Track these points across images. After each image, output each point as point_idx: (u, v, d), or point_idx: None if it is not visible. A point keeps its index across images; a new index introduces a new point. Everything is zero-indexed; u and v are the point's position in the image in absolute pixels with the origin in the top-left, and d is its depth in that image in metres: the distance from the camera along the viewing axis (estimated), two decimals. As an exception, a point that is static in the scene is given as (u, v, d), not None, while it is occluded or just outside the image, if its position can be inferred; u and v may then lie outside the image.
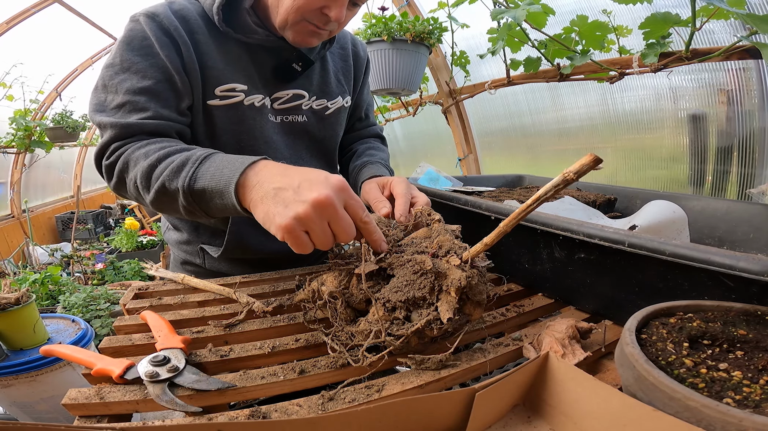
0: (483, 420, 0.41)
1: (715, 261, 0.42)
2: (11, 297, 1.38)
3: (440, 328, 0.48)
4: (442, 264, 0.51)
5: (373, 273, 0.53)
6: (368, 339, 0.49)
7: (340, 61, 0.95)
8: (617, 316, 0.59)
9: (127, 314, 0.66)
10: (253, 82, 0.79)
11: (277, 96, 0.83)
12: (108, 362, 0.49)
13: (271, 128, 0.83)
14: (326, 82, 0.90)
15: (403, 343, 0.48)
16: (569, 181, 0.41)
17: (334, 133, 0.94)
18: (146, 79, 0.69)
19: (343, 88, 0.94)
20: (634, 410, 0.34)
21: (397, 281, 0.51)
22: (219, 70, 0.74)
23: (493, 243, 0.50)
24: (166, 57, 0.69)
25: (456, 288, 0.48)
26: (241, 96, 0.76)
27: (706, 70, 1.20)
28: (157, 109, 0.70)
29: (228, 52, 0.76)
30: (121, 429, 0.37)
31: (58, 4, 3.25)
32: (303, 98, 0.86)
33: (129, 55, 0.70)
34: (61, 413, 1.43)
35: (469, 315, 0.51)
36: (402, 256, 0.53)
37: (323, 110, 0.89)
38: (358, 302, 0.53)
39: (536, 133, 1.94)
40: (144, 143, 0.67)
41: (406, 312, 0.49)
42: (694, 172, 1.31)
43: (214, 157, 0.60)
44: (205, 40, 0.74)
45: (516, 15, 1.05)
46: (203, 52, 0.73)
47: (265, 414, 0.41)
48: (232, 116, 0.76)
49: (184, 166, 0.60)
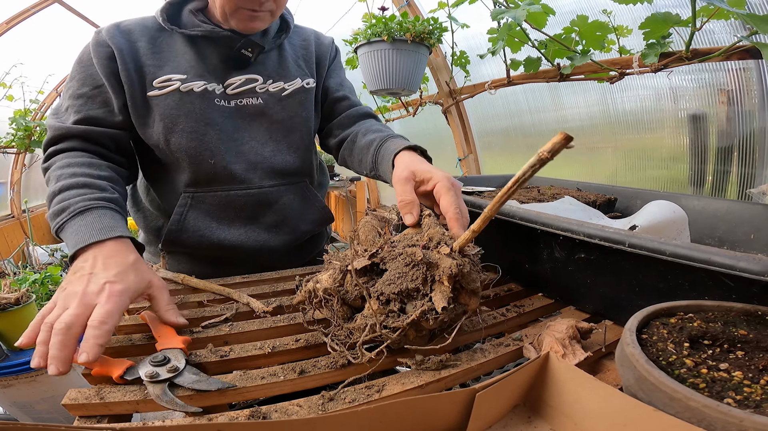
0: (483, 421, 0.41)
1: (716, 262, 0.42)
2: (11, 297, 1.38)
3: (436, 318, 0.48)
4: (433, 254, 0.51)
5: (367, 269, 0.53)
6: (364, 333, 0.49)
7: (301, 49, 0.99)
8: (617, 316, 0.59)
9: (127, 314, 0.66)
10: (195, 71, 0.84)
11: (230, 82, 0.87)
12: (108, 362, 0.49)
13: (218, 112, 0.86)
14: (283, 67, 0.93)
15: (400, 336, 0.49)
16: (544, 160, 0.42)
17: (295, 113, 0.93)
18: (84, 86, 0.81)
19: (303, 71, 0.96)
20: (634, 410, 0.34)
21: (390, 274, 0.51)
22: (157, 66, 0.83)
23: (480, 229, 0.50)
24: (99, 65, 0.79)
25: (448, 276, 0.48)
26: (178, 84, 0.82)
27: (706, 70, 1.20)
28: (90, 111, 0.80)
29: (171, 49, 0.85)
30: (121, 429, 0.37)
31: (58, 4, 3.25)
32: (257, 82, 0.89)
33: (77, 67, 0.82)
34: (61, 413, 1.43)
35: (466, 305, 0.52)
36: (394, 250, 0.54)
37: (280, 92, 0.92)
38: (353, 299, 0.53)
39: (536, 133, 1.94)
40: (66, 163, 0.74)
41: (400, 305, 0.50)
42: (694, 172, 1.31)
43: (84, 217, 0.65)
44: (147, 45, 0.83)
45: (516, 15, 1.05)
46: (142, 54, 0.82)
47: (265, 414, 0.41)
48: (170, 102, 0.82)
49: (63, 211, 0.66)
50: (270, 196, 0.91)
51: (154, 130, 0.83)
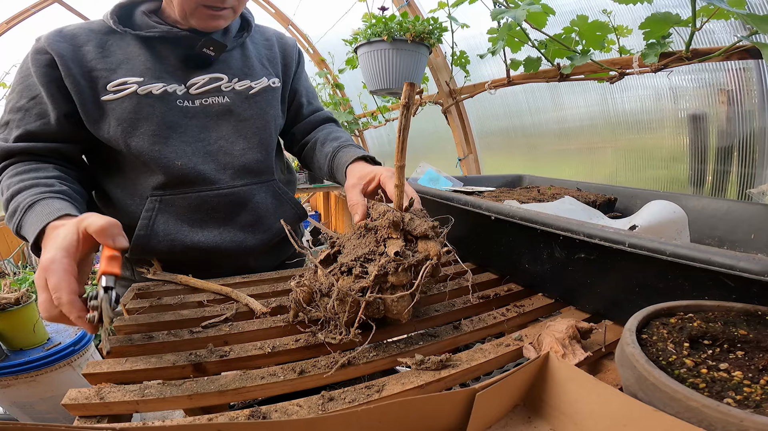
0: (483, 421, 0.41)
1: (716, 262, 0.42)
2: (11, 297, 1.38)
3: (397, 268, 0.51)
4: (378, 221, 0.56)
5: (330, 258, 0.58)
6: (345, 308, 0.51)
7: (264, 49, 0.98)
8: (617, 316, 0.59)
9: (128, 314, 0.66)
10: (152, 73, 0.82)
11: (193, 82, 0.86)
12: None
13: (180, 113, 0.84)
14: (248, 65, 0.92)
15: (374, 298, 0.50)
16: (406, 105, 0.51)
17: (263, 111, 0.93)
18: (22, 98, 0.79)
19: (268, 71, 0.96)
20: (634, 410, 0.34)
21: (347, 250, 0.57)
22: (110, 70, 0.80)
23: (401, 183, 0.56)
24: (36, 74, 0.77)
25: (389, 222, 0.54)
26: (134, 87, 0.80)
27: (706, 70, 1.20)
28: (27, 125, 0.78)
29: (124, 52, 0.82)
30: (121, 429, 0.37)
31: (58, 4, 3.25)
32: (221, 80, 0.88)
33: (17, 78, 0.81)
34: (61, 413, 1.43)
35: (426, 251, 0.54)
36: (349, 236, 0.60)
37: (247, 90, 0.90)
38: (328, 289, 0.54)
39: (536, 133, 1.94)
40: (12, 173, 0.75)
41: (361, 268, 0.52)
42: (694, 172, 1.30)
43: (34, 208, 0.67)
44: (95, 49, 0.80)
45: (516, 15, 1.05)
46: (91, 59, 0.79)
47: (265, 414, 0.41)
48: (127, 106, 0.80)
49: (15, 212, 0.68)
50: (242, 195, 0.90)
51: (111, 135, 0.80)
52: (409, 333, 0.60)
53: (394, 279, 0.51)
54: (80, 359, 1.50)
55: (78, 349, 1.50)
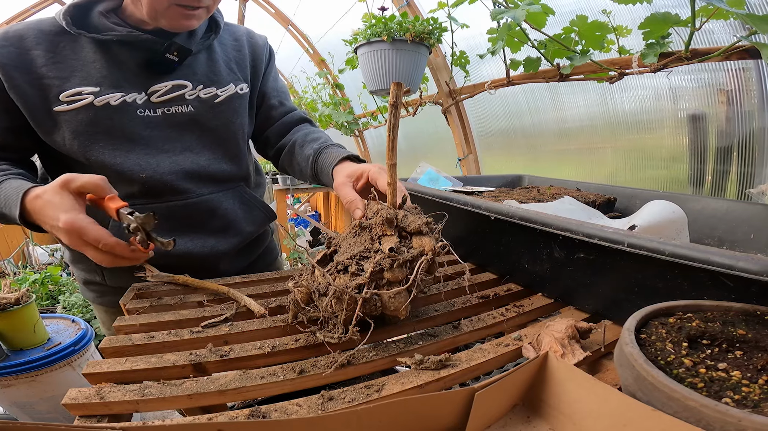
0: (482, 420, 0.41)
1: (715, 261, 0.42)
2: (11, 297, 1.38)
3: (392, 264, 0.51)
4: (373, 219, 0.57)
5: (327, 259, 0.59)
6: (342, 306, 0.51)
7: (233, 51, 0.93)
8: (617, 316, 0.59)
9: (128, 314, 0.66)
10: (109, 82, 0.77)
11: (155, 89, 0.81)
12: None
13: (143, 124, 0.80)
14: (215, 71, 0.87)
15: (370, 292, 0.51)
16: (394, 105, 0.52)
17: (229, 121, 0.89)
18: None
19: (236, 76, 0.91)
20: (633, 410, 0.34)
21: (342, 249, 0.57)
22: (63, 78, 0.74)
23: (394, 180, 0.58)
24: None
25: (383, 220, 0.55)
26: (90, 98, 0.75)
27: (705, 70, 1.20)
28: None
29: (79, 57, 0.76)
30: (121, 429, 0.37)
31: (58, 4, 3.25)
32: (185, 88, 0.83)
33: None
34: (61, 413, 1.43)
35: (421, 247, 0.54)
36: (345, 235, 0.60)
37: (212, 98, 0.86)
38: (325, 289, 0.54)
39: (536, 133, 1.94)
40: None
41: (357, 266, 0.53)
42: (694, 172, 1.31)
43: (2, 187, 0.68)
44: (45, 54, 0.74)
45: (516, 15, 1.05)
46: (40, 65, 0.73)
47: (265, 414, 0.41)
48: (83, 119, 0.75)
49: None
50: (211, 202, 0.88)
51: (69, 148, 0.76)
52: (409, 333, 0.60)
53: (390, 275, 0.51)
54: (80, 359, 1.50)
55: (78, 349, 1.50)
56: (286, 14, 3.75)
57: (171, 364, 0.51)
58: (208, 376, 0.49)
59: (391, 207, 0.58)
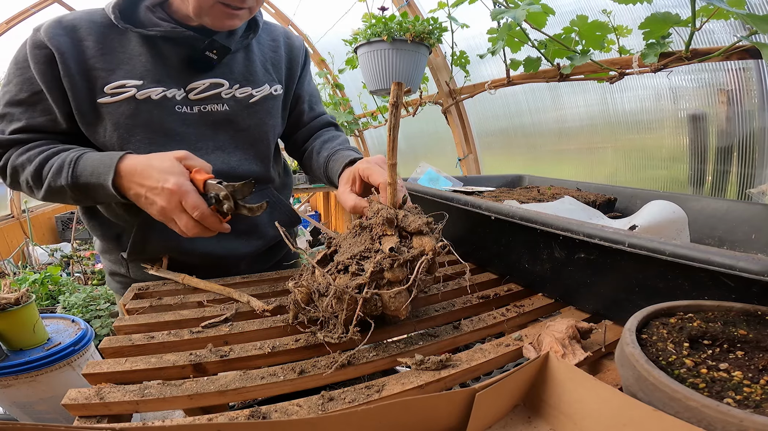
0: (483, 421, 0.41)
1: (715, 261, 0.42)
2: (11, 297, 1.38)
3: (392, 264, 0.51)
4: (373, 219, 0.57)
5: (327, 259, 0.59)
6: (343, 306, 0.51)
7: (270, 51, 0.94)
8: (617, 316, 0.59)
9: (128, 314, 0.66)
10: (152, 76, 0.78)
11: (193, 86, 0.82)
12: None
13: (180, 120, 0.81)
14: (251, 71, 0.88)
15: (370, 292, 0.51)
16: (395, 104, 0.52)
17: (262, 122, 0.90)
18: (22, 92, 0.76)
19: (271, 77, 0.92)
20: (634, 410, 0.34)
21: (343, 249, 0.58)
22: (109, 69, 0.76)
23: (394, 180, 0.57)
24: (36, 70, 0.73)
25: (383, 220, 0.55)
26: (133, 91, 0.76)
27: (706, 70, 1.20)
28: (30, 120, 0.76)
29: (125, 50, 0.78)
30: (121, 429, 0.37)
31: (58, 4, 3.25)
32: (222, 87, 0.84)
33: (13, 69, 0.76)
34: (61, 413, 1.43)
35: (422, 247, 0.54)
36: (345, 235, 0.61)
37: (247, 98, 0.87)
38: (326, 289, 0.54)
39: (536, 133, 1.94)
40: (24, 149, 0.76)
41: (357, 266, 0.53)
42: (694, 172, 1.31)
43: (86, 156, 0.71)
44: (95, 45, 0.76)
45: (516, 15, 1.05)
46: (90, 55, 0.75)
47: (265, 414, 0.41)
48: (124, 111, 0.76)
49: (62, 167, 0.70)
50: None
51: (107, 140, 0.78)
52: (409, 333, 0.60)
53: (390, 275, 0.51)
54: (80, 359, 1.50)
55: (78, 349, 1.50)
56: (286, 14, 3.75)
57: (171, 364, 0.51)
58: (208, 376, 0.49)
59: (392, 207, 0.58)
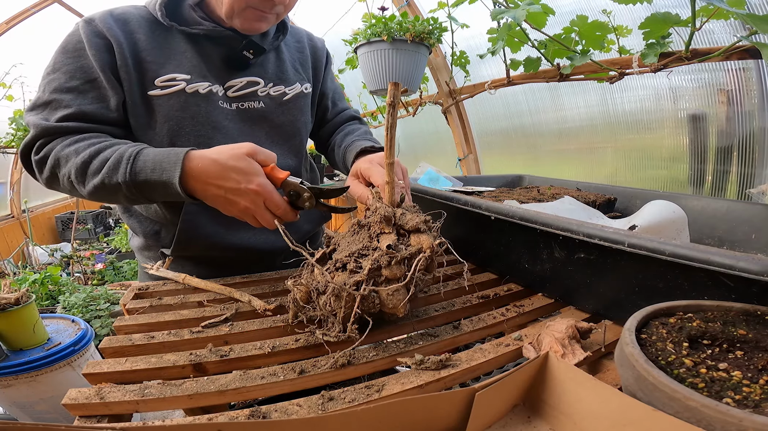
0: (483, 420, 0.41)
1: (715, 261, 0.42)
2: (11, 297, 1.38)
3: (389, 262, 0.51)
4: (371, 217, 0.58)
5: (326, 258, 0.60)
6: (341, 303, 0.51)
7: (296, 52, 0.99)
8: (617, 316, 0.59)
9: (128, 314, 0.66)
10: (198, 71, 0.81)
11: (231, 84, 0.85)
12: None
13: (223, 115, 0.84)
14: (282, 70, 0.93)
15: (368, 289, 0.51)
16: (392, 104, 0.54)
17: (295, 118, 0.94)
18: (74, 80, 0.74)
19: (301, 76, 0.97)
20: (633, 410, 0.34)
21: (341, 247, 0.58)
22: (159, 63, 0.78)
23: (391, 179, 0.58)
24: (95, 58, 0.73)
25: (381, 217, 0.55)
26: (183, 84, 0.79)
27: (706, 70, 1.20)
28: (82, 106, 0.74)
29: (171, 46, 0.80)
30: (121, 429, 0.37)
31: (58, 4, 3.25)
32: (258, 85, 0.88)
33: (61, 57, 0.75)
34: (61, 413, 1.43)
35: (419, 244, 0.54)
36: (344, 234, 0.62)
37: (281, 96, 0.91)
38: (324, 287, 0.54)
39: (536, 133, 1.94)
40: (72, 140, 0.72)
41: (355, 264, 0.53)
42: (694, 172, 1.30)
43: (146, 152, 0.68)
44: (146, 38, 0.78)
45: (516, 15, 1.05)
46: (142, 48, 0.77)
47: (265, 414, 0.41)
48: (174, 104, 0.79)
49: (119, 162, 0.67)
50: None
51: (157, 132, 0.79)
52: (409, 333, 0.60)
53: (388, 272, 0.51)
54: (80, 359, 1.50)
55: (78, 349, 1.50)
56: (286, 14, 3.75)
57: (171, 364, 0.51)
58: (208, 376, 0.49)
59: (390, 205, 0.58)
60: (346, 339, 0.52)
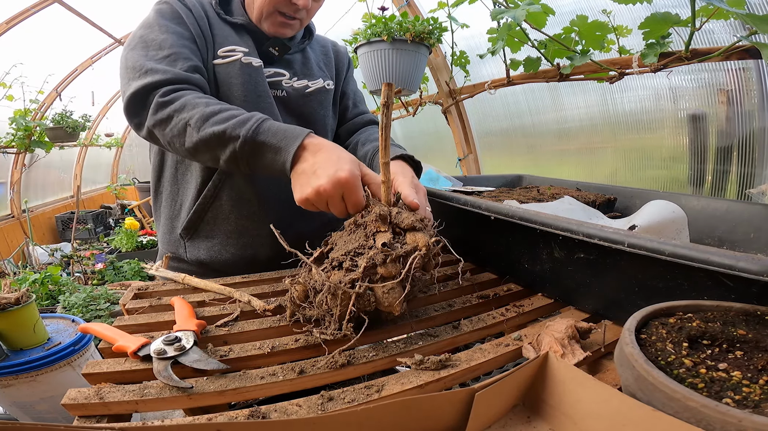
0: (482, 420, 0.41)
1: (715, 261, 0.42)
2: (11, 297, 1.38)
3: (385, 259, 0.52)
4: (368, 217, 0.58)
5: (324, 257, 0.60)
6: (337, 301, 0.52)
7: (321, 55, 1.10)
8: (617, 316, 0.59)
9: (127, 314, 0.66)
10: (250, 48, 0.91)
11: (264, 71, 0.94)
12: (126, 339, 0.53)
13: (265, 87, 0.92)
14: (308, 67, 1.03)
15: (363, 286, 0.51)
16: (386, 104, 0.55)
17: (315, 111, 1.01)
18: (184, 39, 0.85)
19: (324, 73, 1.06)
20: (633, 410, 0.34)
21: (338, 246, 0.59)
22: (223, 37, 0.90)
23: (387, 179, 0.59)
24: (191, 25, 0.87)
25: (376, 216, 0.56)
26: (240, 55, 0.89)
27: (706, 70, 1.20)
28: (196, 62, 0.84)
29: (224, 29, 0.92)
30: (121, 429, 0.37)
31: (58, 4, 3.25)
32: (284, 76, 0.97)
33: (165, 21, 0.85)
34: (61, 413, 1.43)
35: (415, 242, 0.55)
36: (341, 233, 0.62)
37: (304, 88, 0.99)
38: (321, 286, 0.55)
39: (536, 133, 1.94)
40: (206, 96, 0.79)
41: (351, 263, 0.54)
42: (694, 172, 1.31)
43: (271, 121, 0.73)
44: (211, 16, 0.92)
45: (516, 15, 1.05)
46: (212, 24, 0.90)
47: (264, 414, 0.41)
48: (231, 71, 0.88)
49: (248, 120, 0.72)
50: None
51: (215, 94, 0.87)
52: (409, 333, 0.60)
53: (384, 270, 0.51)
54: (80, 359, 1.50)
55: (78, 349, 1.50)
56: (286, 14, 3.74)
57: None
58: (207, 376, 0.49)
59: (386, 204, 0.59)
60: (342, 338, 0.52)
